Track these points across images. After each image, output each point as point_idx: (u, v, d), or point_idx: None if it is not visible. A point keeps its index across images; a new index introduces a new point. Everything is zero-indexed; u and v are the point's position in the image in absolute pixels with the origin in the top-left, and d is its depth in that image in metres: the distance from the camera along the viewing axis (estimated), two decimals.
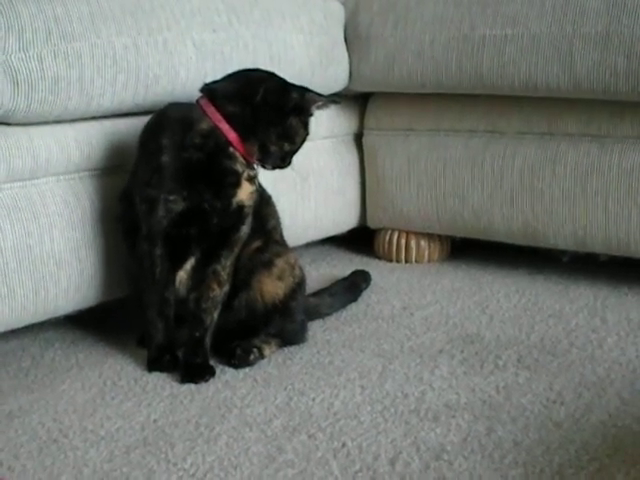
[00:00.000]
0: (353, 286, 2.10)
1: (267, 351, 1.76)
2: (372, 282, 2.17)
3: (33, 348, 1.86)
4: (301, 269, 1.81)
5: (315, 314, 1.94)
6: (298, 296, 1.79)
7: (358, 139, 2.48)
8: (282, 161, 1.70)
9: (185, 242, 1.68)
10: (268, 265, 1.75)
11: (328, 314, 1.98)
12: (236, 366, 1.70)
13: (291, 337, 1.81)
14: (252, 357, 1.72)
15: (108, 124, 1.84)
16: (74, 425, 1.49)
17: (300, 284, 1.80)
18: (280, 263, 1.77)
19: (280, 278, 1.76)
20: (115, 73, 1.76)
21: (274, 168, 1.71)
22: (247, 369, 1.70)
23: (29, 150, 1.70)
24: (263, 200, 1.78)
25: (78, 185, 1.80)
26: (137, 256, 1.71)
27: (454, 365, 1.69)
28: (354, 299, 2.07)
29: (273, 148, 1.67)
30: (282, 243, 1.83)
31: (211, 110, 1.64)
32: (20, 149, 1.69)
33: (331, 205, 2.39)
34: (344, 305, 2.03)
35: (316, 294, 2.00)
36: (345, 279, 2.12)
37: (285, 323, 1.77)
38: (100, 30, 1.73)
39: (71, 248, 1.77)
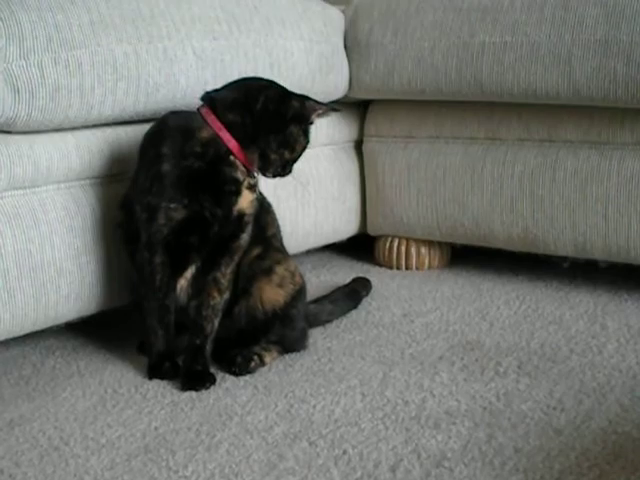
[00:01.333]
0: (353, 293, 2.10)
1: (268, 358, 1.76)
2: (372, 289, 2.17)
3: (34, 356, 1.86)
4: (301, 276, 1.82)
5: (315, 321, 1.94)
6: (298, 303, 1.79)
7: (358, 146, 2.49)
8: (283, 169, 1.71)
9: (185, 250, 1.68)
10: (268, 272, 1.76)
11: (328, 321, 1.98)
12: (236, 373, 1.70)
13: (292, 344, 1.81)
14: (253, 364, 1.72)
15: (109, 132, 1.85)
16: (75, 433, 1.49)
17: (300, 291, 1.80)
18: (280, 270, 1.77)
19: (280, 285, 1.76)
20: (115, 81, 1.76)
21: (275, 176, 1.71)
22: (247, 376, 1.70)
23: (30, 158, 1.70)
24: (263, 208, 1.78)
25: (79, 193, 1.80)
26: (137, 263, 1.71)
27: (454, 372, 1.69)
28: (354, 306, 2.07)
29: (273, 156, 1.67)
30: (282, 250, 1.83)
31: (212, 118, 1.65)
32: (21, 157, 1.69)
33: (331, 212, 2.39)
34: (344, 312, 2.03)
35: (316, 301, 2.00)
36: (346, 286, 2.12)
37: (285, 330, 1.78)
38: (100, 38, 1.73)
39: (72, 255, 1.77)
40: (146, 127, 1.73)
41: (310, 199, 2.32)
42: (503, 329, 1.91)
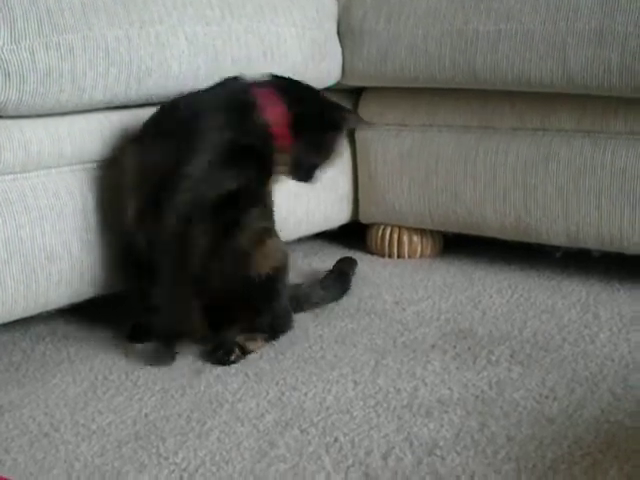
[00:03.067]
0: (342, 275, 2.09)
1: (252, 347, 1.74)
2: (364, 277, 2.17)
3: (24, 342, 1.85)
4: (287, 256, 1.80)
5: (307, 302, 1.95)
6: (284, 277, 1.78)
7: (351, 134, 2.48)
8: (308, 174, 1.79)
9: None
10: (260, 243, 1.74)
11: (318, 304, 1.98)
12: (217, 365, 1.69)
13: (277, 320, 1.79)
14: (233, 357, 1.70)
15: (100, 117, 1.83)
16: (65, 419, 1.48)
17: (286, 267, 1.79)
18: (271, 244, 1.76)
19: (267, 256, 1.75)
20: (107, 66, 1.75)
21: (300, 180, 1.78)
22: (238, 364, 1.69)
23: (20, 143, 1.69)
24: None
25: (70, 178, 1.79)
26: (158, 247, 1.69)
27: (447, 360, 1.68)
28: (347, 287, 2.07)
29: (305, 160, 1.75)
30: (275, 232, 1.83)
31: (272, 106, 1.71)
32: (11, 142, 1.67)
33: (323, 200, 2.38)
34: (338, 296, 2.03)
35: (308, 284, 2.01)
36: (332, 271, 2.10)
37: (272, 304, 1.76)
38: (92, 22, 1.72)
39: (62, 241, 1.76)
40: (138, 112, 1.72)
41: (302, 187, 2.30)
42: (495, 318, 1.91)
